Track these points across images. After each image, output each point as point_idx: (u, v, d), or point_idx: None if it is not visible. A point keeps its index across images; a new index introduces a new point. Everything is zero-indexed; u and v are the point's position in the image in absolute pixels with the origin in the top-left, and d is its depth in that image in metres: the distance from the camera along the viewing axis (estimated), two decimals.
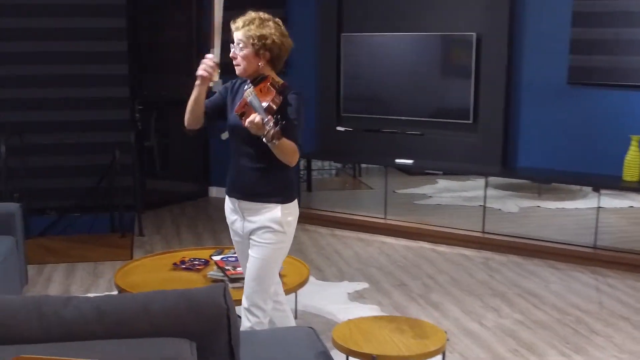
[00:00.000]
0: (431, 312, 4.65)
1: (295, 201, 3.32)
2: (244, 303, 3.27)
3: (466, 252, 6.01)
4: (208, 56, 3.16)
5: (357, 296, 4.95)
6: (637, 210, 5.67)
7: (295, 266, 4.43)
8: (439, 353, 3.14)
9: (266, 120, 2.85)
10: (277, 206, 3.21)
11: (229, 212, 3.40)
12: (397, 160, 6.59)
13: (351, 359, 3.15)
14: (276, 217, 3.20)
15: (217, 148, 7.59)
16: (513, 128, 6.38)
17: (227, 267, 4.13)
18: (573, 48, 5.94)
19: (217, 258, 4.31)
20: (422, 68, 6.65)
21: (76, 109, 6.40)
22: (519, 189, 6.15)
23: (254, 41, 3.10)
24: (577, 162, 6.10)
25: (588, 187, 5.83)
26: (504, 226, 6.08)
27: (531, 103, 6.27)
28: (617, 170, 5.83)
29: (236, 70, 3.17)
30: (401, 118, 6.80)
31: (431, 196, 6.53)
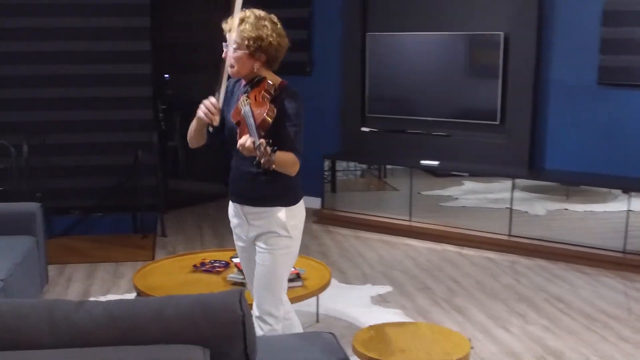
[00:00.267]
0: (455, 317, 4.56)
1: (300, 202, 3.18)
2: (255, 312, 3.14)
3: (492, 256, 5.91)
4: (211, 100, 2.95)
5: (380, 300, 4.88)
6: None
7: (316, 269, 4.37)
8: None
9: (257, 144, 2.69)
10: (282, 210, 3.09)
11: (232, 216, 3.29)
12: (423, 161, 6.50)
13: None
14: (281, 222, 3.08)
15: None
16: (541, 129, 6.26)
17: None
18: (603, 47, 5.81)
19: (238, 260, 4.24)
20: (449, 68, 6.56)
21: (99, 109, 6.38)
22: (547, 192, 6.03)
23: (249, 43, 2.93)
24: (607, 164, 5.97)
25: (617, 190, 5.69)
26: (531, 229, 5.97)
27: (559, 104, 6.15)
28: None
29: (229, 72, 3.01)
30: (427, 119, 6.71)
31: (457, 198, 6.43)
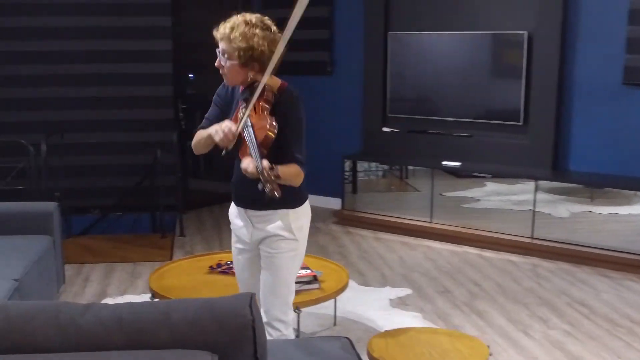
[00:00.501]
0: (475, 321, 4.48)
1: (306, 203, 3.10)
2: (263, 318, 3.03)
3: (513, 258, 5.82)
4: (232, 128, 2.79)
5: (399, 302, 4.81)
6: None
7: (334, 271, 4.31)
8: None
9: (260, 169, 2.59)
10: (287, 212, 3.01)
11: (235, 218, 3.17)
12: (444, 162, 6.43)
13: None
14: (287, 225, 3.02)
15: None
16: (565, 130, 6.16)
17: None
18: (629, 47, 5.69)
19: None
20: (471, 68, 6.47)
21: (119, 108, 6.38)
22: (571, 193, 5.92)
23: (240, 54, 2.83)
24: (632, 166, 5.86)
25: None
26: (554, 232, 5.87)
27: (584, 104, 6.04)
28: None
29: (224, 79, 2.96)
30: (449, 119, 6.64)
31: (479, 199, 6.34)
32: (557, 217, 5.89)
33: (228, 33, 2.84)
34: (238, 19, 2.87)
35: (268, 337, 3.03)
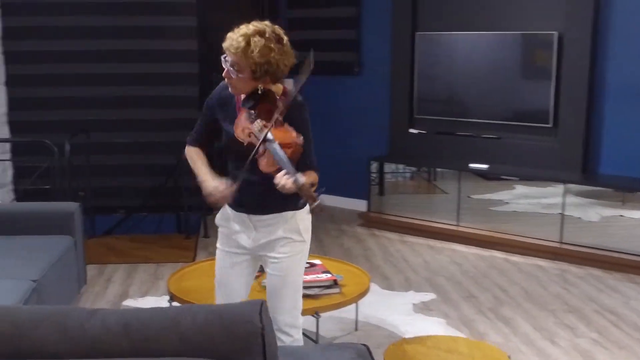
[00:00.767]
0: (500, 328, 4.39)
1: (306, 203, 3.07)
2: (274, 324, 2.95)
3: (541, 263, 5.70)
4: (225, 192, 2.83)
5: (423, 307, 4.73)
6: None
7: (355, 275, 4.23)
8: None
9: (300, 184, 2.52)
10: (293, 214, 2.95)
11: (229, 222, 3.04)
12: (471, 164, 6.33)
13: None
14: (294, 227, 2.95)
15: None
16: (595, 132, 6.03)
17: None
18: None
19: None
20: (500, 68, 6.37)
21: (144, 108, 6.37)
22: (601, 197, 5.79)
23: (255, 68, 2.73)
24: None
25: None
26: (584, 236, 5.74)
27: (615, 106, 5.91)
28: None
29: (230, 89, 2.85)
30: (477, 121, 6.54)
31: (508, 202, 6.23)
32: (587, 221, 5.77)
33: (244, 47, 2.71)
34: (249, 30, 2.73)
35: (280, 344, 2.97)
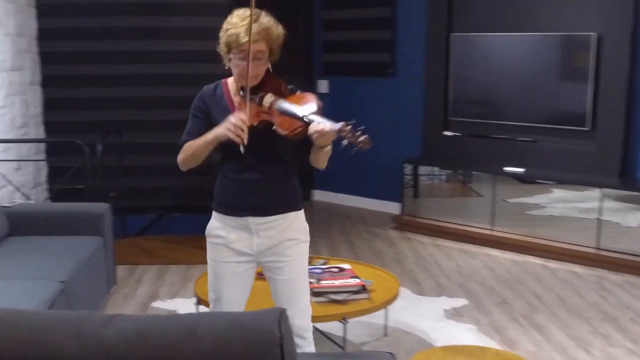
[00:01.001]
0: (533, 335, 4.29)
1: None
2: None
3: (577, 270, 5.58)
4: (242, 116, 2.67)
5: (454, 313, 4.64)
6: None
7: (385, 280, 4.17)
8: None
9: (339, 126, 2.49)
10: (296, 214, 2.90)
11: (224, 232, 2.93)
12: (506, 168, 6.22)
13: None
14: (299, 226, 2.91)
15: None
16: (634, 136, 5.88)
17: (311, 280, 3.91)
18: None
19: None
20: (536, 70, 6.25)
21: (176, 108, 6.36)
22: None
23: (276, 45, 2.79)
24: None
25: None
26: (621, 242, 5.60)
27: None
28: None
29: (245, 81, 2.77)
30: (513, 123, 6.43)
31: (544, 206, 6.11)
32: (626, 227, 5.63)
33: (272, 32, 2.77)
34: (260, 13, 2.78)
35: (298, 350, 2.92)
